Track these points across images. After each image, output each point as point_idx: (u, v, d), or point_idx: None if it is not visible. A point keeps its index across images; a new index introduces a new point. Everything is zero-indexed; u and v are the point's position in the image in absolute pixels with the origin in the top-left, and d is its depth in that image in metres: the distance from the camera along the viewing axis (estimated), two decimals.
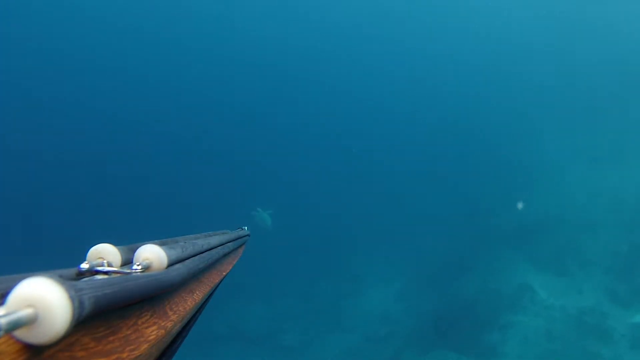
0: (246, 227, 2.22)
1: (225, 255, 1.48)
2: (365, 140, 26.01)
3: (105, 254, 0.78)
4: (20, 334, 0.43)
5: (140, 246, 0.83)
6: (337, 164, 24.91)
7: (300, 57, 28.27)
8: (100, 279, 0.61)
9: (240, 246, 1.87)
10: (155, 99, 23.80)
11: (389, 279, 16.19)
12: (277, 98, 27.21)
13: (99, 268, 0.76)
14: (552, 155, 18.81)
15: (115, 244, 0.81)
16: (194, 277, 1.00)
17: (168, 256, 0.84)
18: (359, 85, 27.96)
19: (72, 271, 0.72)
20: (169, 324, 0.74)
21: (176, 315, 0.79)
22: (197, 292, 1.00)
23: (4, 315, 0.40)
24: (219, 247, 1.38)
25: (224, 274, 1.38)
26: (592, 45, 23.96)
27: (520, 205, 16.07)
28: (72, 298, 0.45)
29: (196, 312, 1.01)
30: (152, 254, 0.82)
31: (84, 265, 0.74)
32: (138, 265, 0.79)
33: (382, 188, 22.88)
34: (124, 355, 0.57)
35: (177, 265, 0.88)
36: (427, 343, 12.22)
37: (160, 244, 0.84)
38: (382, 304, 15.05)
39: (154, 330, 0.68)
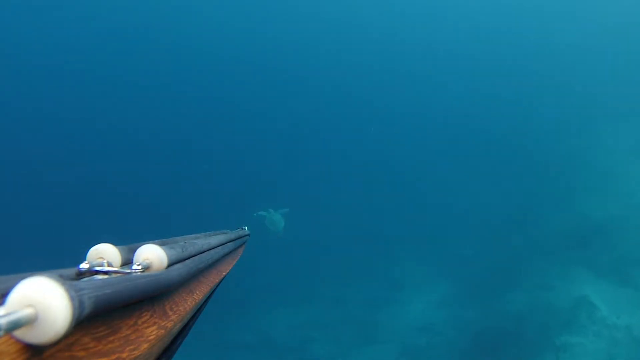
0: (246, 227, 2.22)
1: (226, 255, 1.48)
2: (409, 137, 25.11)
3: (105, 254, 0.79)
4: (20, 334, 0.44)
5: (140, 246, 0.83)
6: (376, 160, 23.93)
7: (317, 52, 27.70)
8: (100, 279, 0.62)
9: (240, 246, 1.87)
10: (154, 97, 23.76)
11: (430, 285, 14.94)
12: (299, 90, 26.64)
13: (99, 268, 0.76)
14: (611, 150, 17.08)
15: (115, 244, 0.81)
16: (194, 277, 1.01)
17: (168, 256, 0.84)
18: (398, 81, 27.17)
19: (72, 271, 0.72)
20: (169, 324, 0.75)
21: (176, 315, 0.80)
22: (197, 292, 1.00)
23: (4, 315, 0.40)
24: (219, 247, 1.38)
25: (224, 274, 1.38)
26: None
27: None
28: (72, 298, 0.45)
29: (196, 312, 1.02)
30: (152, 254, 0.82)
31: (84, 265, 0.75)
32: (138, 265, 0.79)
33: (424, 187, 21.70)
34: (124, 355, 0.57)
35: (177, 265, 0.88)
36: (470, 359, 11.25)
37: (160, 244, 0.84)
38: (422, 312, 13.76)
39: (154, 330, 0.69)
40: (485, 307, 12.60)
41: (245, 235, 2.06)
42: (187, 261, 0.95)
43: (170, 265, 0.85)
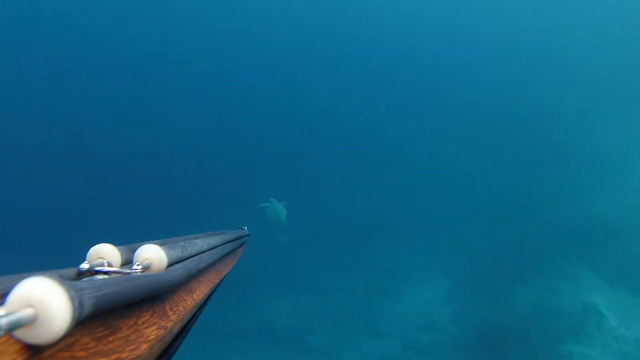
0: (246, 227, 2.22)
1: (225, 255, 1.48)
2: (415, 127, 24.45)
3: (105, 254, 0.79)
4: (20, 334, 0.44)
5: (140, 246, 0.83)
6: (380, 148, 23.45)
7: (315, 48, 27.34)
8: (100, 279, 0.62)
9: (240, 246, 1.87)
10: (153, 96, 23.70)
11: (435, 278, 14.42)
12: (293, 84, 26.27)
13: (99, 268, 0.76)
14: (626, 146, 16.49)
15: (115, 244, 0.81)
16: (194, 277, 1.01)
17: (168, 256, 0.84)
18: (404, 72, 26.58)
19: (72, 271, 0.72)
20: (169, 324, 0.75)
21: (176, 315, 0.80)
22: (197, 292, 1.00)
23: (4, 316, 0.41)
24: (219, 248, 1.38)
25: (224, 274, 1.38)
26: None
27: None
28: (72, 298, 0.45)
29: (196, 312, 1.02)
30: (152, 254, 0.82)
31: (84, 265, 0.75)
32: (138, 265, 0.79)
33: (431, 176, 21.12)
34: (124, 355, 0.58)
35: (177, 266, 0.88)
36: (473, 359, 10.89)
37: (160, 244, 0.84)
38: (426, 307, 13.30)
39: (154, 330, 0.69)
40: (490, 305, 12.21)
41: (245, 236, 2.06)
42: (187, 261, 0.96)
43: (170, 265, 0.85)
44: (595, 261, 12.12)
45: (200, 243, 1.14)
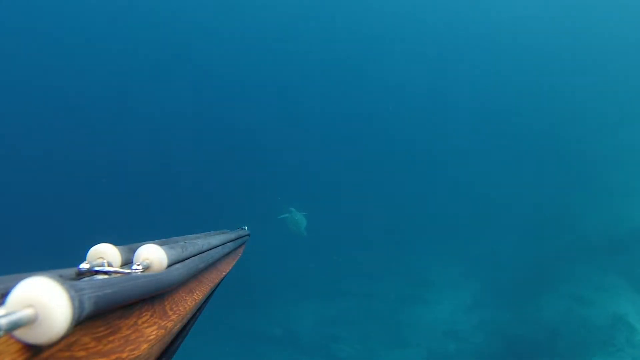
0: (246, 227, 2.23)
1: (226, 255, 1.48)
2: (443, 134, 24.05)
3: (105, 254, 0.79)
4: (20, 333, 0.44)
5: (140, 246, 0.83)
6: (406, 154, 23.22)
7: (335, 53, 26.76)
8: (100, 279, 0.62)
9: (240, 246, 1.87)
10: (156, 94, 23.59)
11: (461, 285, 14.21)
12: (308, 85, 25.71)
13: (99, 268, 0.76)
14: None
15: (115, 244, 0.81)
16: (194, 277, 1.01)
17: (168, 256, 0.84)
18: (439, 71, 26.12)
19: (72, 271, 0.72)
20: (169, 324, 0.75)
21: (176, 315, 0.80)
22: (197, 292, 1.00)
23: (4, 315, 0.40)
24: (219, 247, 1.38)
25: (224, 273, 1.38)
26: None
27: None
28: (72, 298, 0.45)
29: (196, 312, 1.02)
30: (152, 254, 0.82)
31: (84, 265, 0.75)
32: (138, 265, 0.79)
33: (458, 183, 20.81)
34: (124, 355, 0.58)
35: (177, 265, 0.88)
36: None
37: (161, 244, 0.84)
38: (452, 315, 13.05)
39: (154, 330, 0.69)
40: (517, 314, 11.91)
41: (245, 235, 2.06)
42: (187, 261, 0.96)
43: (170, 265, 0.85)
44: (625, 270, 11.78)
45: (200, 243, 1.14)
